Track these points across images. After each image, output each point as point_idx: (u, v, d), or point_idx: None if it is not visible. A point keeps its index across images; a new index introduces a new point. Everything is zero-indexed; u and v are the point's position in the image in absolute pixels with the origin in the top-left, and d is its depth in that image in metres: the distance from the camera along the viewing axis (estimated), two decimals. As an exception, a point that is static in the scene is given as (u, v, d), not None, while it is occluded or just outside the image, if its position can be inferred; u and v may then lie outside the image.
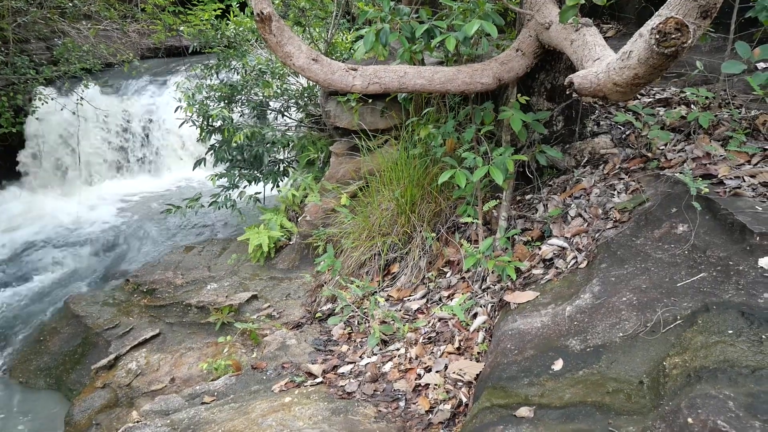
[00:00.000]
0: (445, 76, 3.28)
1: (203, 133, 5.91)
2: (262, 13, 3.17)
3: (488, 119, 3.55)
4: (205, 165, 6.26)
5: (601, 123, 4.03)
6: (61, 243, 6.89)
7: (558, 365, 2.39)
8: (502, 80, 3.38)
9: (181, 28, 7.35)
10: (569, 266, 3.09)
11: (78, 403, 4.39)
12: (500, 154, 3.31)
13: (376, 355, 3.42)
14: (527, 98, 3.66)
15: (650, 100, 4.21)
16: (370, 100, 4.72)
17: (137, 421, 3.44)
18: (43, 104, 8.16)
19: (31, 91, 8.06)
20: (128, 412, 3.97)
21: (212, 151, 5.97)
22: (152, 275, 5.46)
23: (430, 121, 4.21)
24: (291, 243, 5.20)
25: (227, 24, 6.42)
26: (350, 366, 3.42)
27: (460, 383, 2.95)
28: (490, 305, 3.33)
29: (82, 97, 8.28)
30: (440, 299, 3.74)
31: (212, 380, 3.80)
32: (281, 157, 6.07)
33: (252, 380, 3.62)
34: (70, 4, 8.94)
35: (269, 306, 4.61)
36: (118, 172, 8.85)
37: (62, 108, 8.25)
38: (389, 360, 3.34)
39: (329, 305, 4.29)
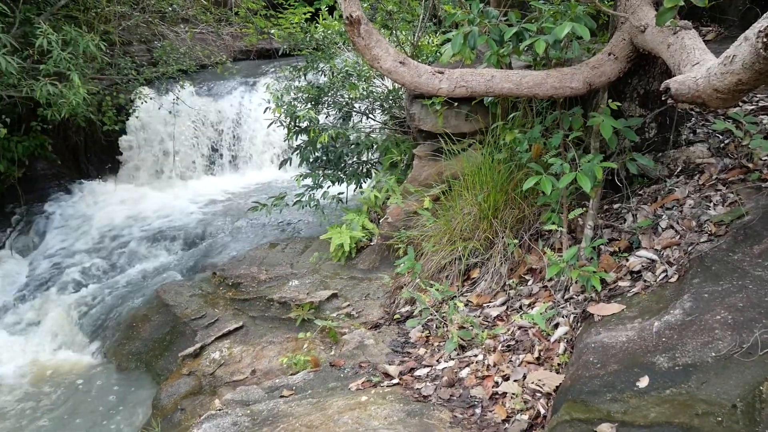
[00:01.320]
0: (534, 81, 3.23)
1: (290, 134, 6.06)
2: (352, 17, 3.23)
3: (577, 125, 3.47)
4: (290, 165, 6.41)
5: (698, 131, 3.85)
6: (155, 235, 7.23)
7: (643, 382, 2.31)
8: (592, 85, 3.29)
9: (272, 31, 7.57)
10: (658, 280, 2.97)
11: (165, 387, 4.60)
12: (588, 161, 3.22)
13: (453, 360, 3.41)
14: (618, 104, 3.55)
15: (753, 107, 3.99)
16: (456, 104, 4.70)
17: (219, 409, 3.57)
18: (142, 103, 8.60)
19: (132, 91, 8.51)
20: (211, 400, 4.12)
21: (298, 152, 6.11)
22: (238, 269, 5.65)
23: (516, 125, 4.15)
24: (372, 244, 5.25)
25: (316, 27, 6.55)
26: (427, 369, 3.42)
27: (539, 394, 2.89)
28: (572, 316, 3.25)
29: (178, 97, 8.67)
30: (521, 307, 3.68)
31: (291, 374, 3.89)
32: (365, 159, 6.14)
33: (330, 377, 3.68)
34: (170, 9, 9.38)
35: (348, 305, 4.68)
36: (209, 169, 9.22)
37: (159, 107, 8.67)
38: (466, 366, 3.31)
39: (408, 307, 4.31)
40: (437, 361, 3.48)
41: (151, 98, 8.60)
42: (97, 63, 7.44)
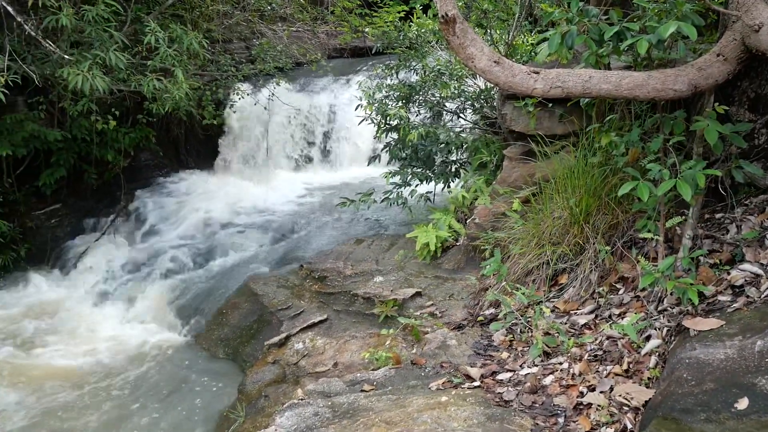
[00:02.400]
0: (634, 82, 3.10)
1: (380, 131, 6.11)
2: (447, 15, 3.21)
3: (678, 129, 3.30)
4: (379, 162, 6.46)
5: (815, 138, 3.58)
6: (246, 227, 7.49)
7: (743, 404, 2.17)
8: (698, 87, 3.12)
9: (366, 30, 7.66)
10: (763, 296, 2.79)
11: (251, 374, 4.75)
12: (690, 168, 3.06)
13: (537, 366, 3.33)
14: (726, 108, 3.35)
15: None
16: (550, 105, 4.59)
17: (301, 399, 3.65)
18: (240, 99, 8.92)
19: (231, 87, 8.84)
20: (293, 389, 4.21)
21: (387, 149, 6.15)
22: (324, 263, 5.76)
23: (613, 128, 4.00)
24: (458, 244, 5.22)
25: (410, 26, 6.57)
26: (509, 374, 3.36)
27: (626, 408, 2.78)
28: (665, 329, 3.10)
29: (273, 93, 8.93)
30: (610, 316, 3.55)
31: (372, 370, 3.92)
32: (454, 158, 6.11)
33: (410, 375, 3.69)
34: (269, 8, 9.68)
35: (432, 304, 4.67)
36: (301, 164, 9.45)
37: (256, 103, 8.96)
38: (550, 373, 3.23)
39: (492, 310, 4.25)
40: (520, 366, 3.41)
41: (248, 94, 8.90)
42: (200, 60, 7.77)
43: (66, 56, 5.86)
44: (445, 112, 6.31)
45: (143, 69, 6.50)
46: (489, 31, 6.13)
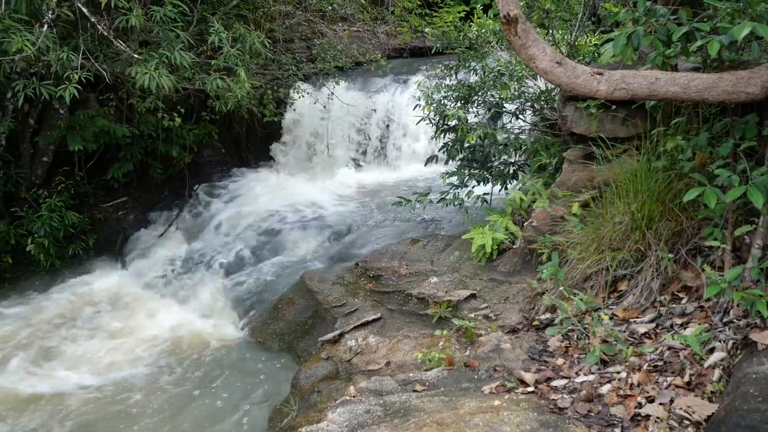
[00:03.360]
0: (704, 84, 3.00)
1: (438, 132, 6.10)
2: (509, 15, 3.18)
3: (750, 133, 3.18)
4: (436, 162, 6.44)
5: None
6: (304, 224, 7.59)
7: (814, 422, 2.08)
8: (772, 91, 3.00)
9: (426, 30, 7.65)
10: (839, 310, 2.65)
11: (304, 369, 4.81)
12: (762, 174, 2.94)
13: (593, 374, 3.27)
14: (802, 112, 3.20)
15: None
16: (614, 107, 4.48)
17: (353, 396, 3.68)
18: (300, 98, 9.04)
19: (291, 86, 8.98)
20: (346, 386, 4.24)
21: (445, 150, 6.12)
22: (379, 262, 5.78)
23: (680, 131, 3.88)
24: (514, 247, 5.15)
25: (470, 26, 6.53)
26: (564, 381, 3.31)
27: (687, 422, 2.69)
28: (731, 342, 2.99)
29: (332, 93, 9.02)
30: (672, 326, 3.45)
31: (425, 370, 3.92)
32: (512, 160, 6.04)
33: (463, 377, 3.67)
34: (330, 8, 9.79)
35: (487, 307, 4.63)
36: (358, 162, 9.51)
37: (315, 102, 9.07)
38: (607, 382, 3.16)
39: (548, 315, 4.18)
40: (576, 373, 3.35)
41: (308, 93, 9.01)
42: (262, 59, 7.91)
43: (135, 55, 6.07)
44: (504, 114, 6.24)
45: (207, 68, 6.67)
46: (551, 31, 6.03)
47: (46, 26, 5.62)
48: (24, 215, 7.58)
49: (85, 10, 5.90)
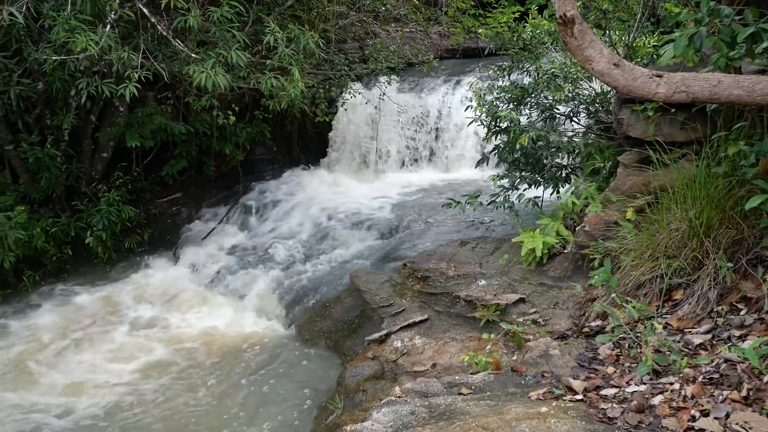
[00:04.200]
0: (769, 88, 2.89)
1: (489, 133, 6.04)
2: (566, 16, 3.13)
3: (819, 140, 3.04)
4: (487, 164, 6.38)
5: None
6: (353, 223, 7.63)
7: None
8: (844, 95, 2.86)
9: (479, 31, 7.58)
10: None
11: (350, 368, 4.84)
12: (831, 182, 2.81)
13: (645, 384, 3.18)
14: None
15: None
16: (673, 110, 4.35)
17: (399, 396, 3.68)
18: (351, 97, 9.10)
19: (343, 86, 9.04)
20: (391, 386, 4.25)
21: (496, 152, 6.07)
22: (427, 263, 5.77)
23: (742, 136, 3.74)
24: (565, 251, 5.06)
25: (524, 26, 6.44)
26: (614, 390, 3.23)
27: (744, 437, 2.60)
28: (793, 355, 2.87)
29: (384, 93, 9.03)
30: (729, 338, 3.33)
31: (471, 373, 3.89)
32: (564, 163, 5.93)
33: (510, 382, 3.63)
34: (383, 9, 9.81)
35: (535, 311, 4.56)
36: (408, 163, 9.51)
37: (366, 102, 9.11)
38: (659, 393, 3.07)
39: (599, 322, 4.09)
40: (627, 383, 3.27)
41: (359, 93, 9.06)
42: (315, 59, 7.99)
43: (193, 54, 6.21)
44: (557, 116, 6.14)
45: (262, 67, 6.77)
46: (608, 32, 5.90)
47: (108, 26, 5.81)
48: (84, 209, 7.86)
49: (145, 10, 6.07)
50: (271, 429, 4.75)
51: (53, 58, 5.88)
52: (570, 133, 5.96)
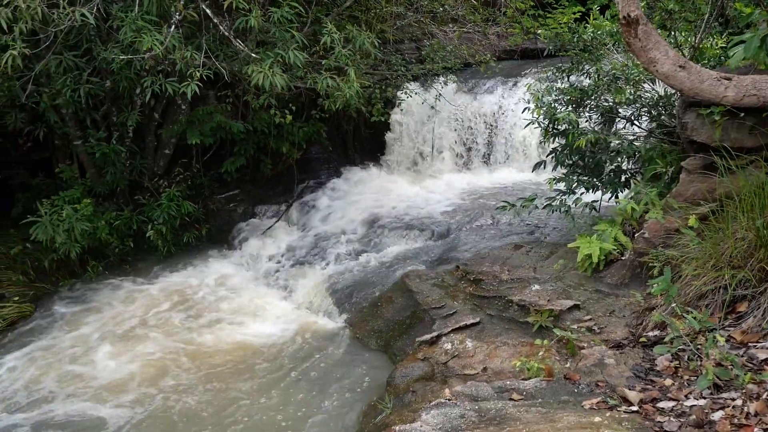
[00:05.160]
0: None
1: (547, 136, 5.94)
2: (629, 16, 3.05)
3: None
4: (544, 167, 6.28)
5: None
6: (406, 223, 7.64)
7: None
8: None
9: (538, 31, 7.46)
10: None
11: (400, 368, 4.84)
12: None
13: (705, 398, 3.07)
14: None
15: None
16: (741, 114, 4.18)
17: (448, 399, 3.66)
18: (408, 98, 9.10)
19: (400, 86, 9.05)
20: (441, 388, 4.23)
21: (553, 155, 5.97)
22: (480, 266, 5.72)
23: (816, 143, 3.58)
24: (623, 258, 4.94)
25: (585, 27, 6.31)
26: (672, 403, 3.13)
27: (812, 458, 2.48)
28: None
29: (440, 93, 9.01)
30: (797, 354, 3.18)
31: (523, 379, 3.84)
32: (624, 167, 5.78)
33: (562, 390, 3.56)
34: (441, 9, 9.77)
35: (590, 319, 4.47)
36: (462, 164, 9.45)
37: (423, 102, 9.10)
38: (720, 408, 2.96)
39: (657, 332, 3.98)
40: (686, 396, 3.16)
41: (415, 93, 9.05)
42: (371, 59, 8.03)
43: (252, 54, 6.32)
44: (617, 119, 5.99)
45: (319, 67, 6.84)
46: (673, 33, 5.72)
47: (173, 27, 5.98)
48: (145, 203, 8.12)
49: (208, 11, 6.22)
50: (319, 424, 4.79)
51: (121, 57, 6.09)
52: (630, 137, 5.81)
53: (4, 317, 6.69)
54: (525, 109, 6.13)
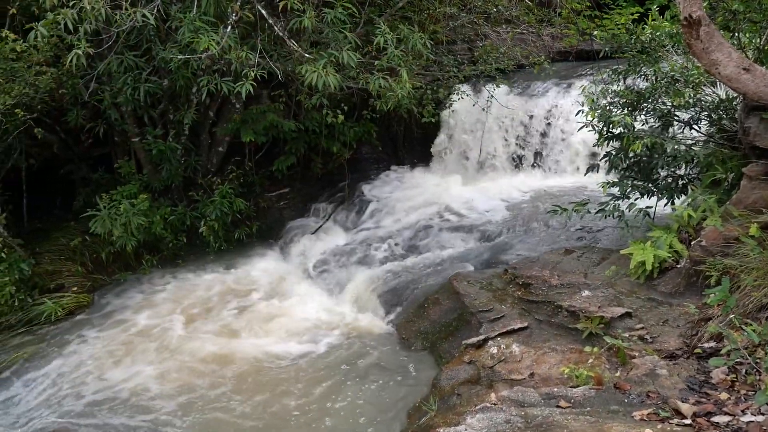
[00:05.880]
0: None
1: (601, 139, 5.82)
2: (691, 17, 2.97)
3: None
4: (597, 171, 6.16)
5: None
6: (454, 225, 7.60)
7: None
8: None
9: (594, 33, 7.32)
10: None
11: (446, 370, 4.82)
12: None
13: (763, 414, 2.96)
14: None
15: None
16: (808, 120, 4.02)
17: (494, 404, 3.62)
18: (459, 99, 9.05)
19: (451, 87, 9.01)
20: (486, 393, 4.20)
21: (607, 158, 5.84)
22: (530, 270, 5.64)
23: None
24: (678, 266, 4.80)
25: (643, 28, 6.16)
26: (728, 418, 3.02)
27: None
28: None
29: (492, 95, 8.92)
30: None
31: (571, 386, 3.77)
32: (681, 173, 5.62)
33: (612, 399, 3.48)
34: (494, 10, 9.67)
35: (643, 327, 4.36)
36: (512, 167, 9.35)
37: (474, 104, 9.03)
38: (780, 425, 2.85)
39: (712, 343, 3.85)
40: (742, 411, 3.05)
41: (467, 95, 8.99)
42: (423, 60, 8.01)
43: (306, 54, 6.39)
44: (675, 123, 5.82)
45: (371, 68, 6.87)
46: (737, 34, 5.53)
47: (229, 27, 6.10)
48: (199, 200, 8.31)
49: (264, 12, 6.32)
50: (364, 423, 4.82)
51: (178, 57, 6.24)
52: (689, 142, 5.64)
53: (64, 306, 6.97)
54: (579, 111, 6.03)
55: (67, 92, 7.23)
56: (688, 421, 3.04)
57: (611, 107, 5.81)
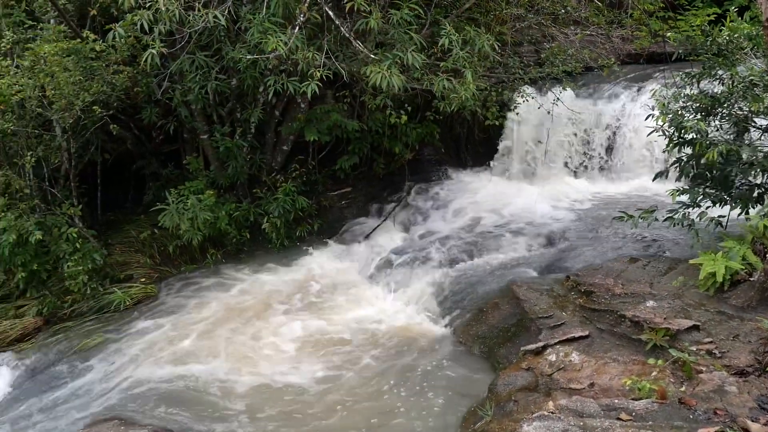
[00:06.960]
0: None
1: (671, 145, 5.64)
2: (773, 21, 2.83)
3: None
4: (666, 178, 5.96)
5: None
6: (516, 229, 7.50)
7: None
8: None
9: (668, 34, 7.07)
10: None
11: (503, 376, 4.77)
12: None
13: (841, 438, 2.80)
14: None
15: None
16: None
17: (551, 412, 3.57)
18: (524, 101, 8.92)
19: (516, 89, 8.88)
20: (544, 401, 4.13)
21: (677, 165, 5.65)
22: (593, 278, 5.52)
23: None
24: (751, 279, 4.60)
25: (720, 30, 5.93)
26: (802, 440, 2.89)
27: None
28: None
29: (558, 98, 8.75)
30: None
31: (633, 399, 3.68)
32: (758, 181, 5.38)
33: (676, 414, 3.38)
34: (563, 11, 9.47)
35: (711, 341, 4.20)
36: (578, 172, 9.15)
37: (539, 106, 8.88)
38: None
39: (787, 361, 3.68)
40: (818, 434, 2.90)
41: (532, 97, 8.85)
42: (489, 62, 7.93)
43: (371, 55, 6.43)
44: (752, 129, 5.58)
45: (436, 69, 6.85)
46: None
47: (297, 28, 6.19)
48: (263, 197, 8.49)
49: (331, 13, 6.39)
50: (419, 424, 4.82)
51: (247, 57, 6.39)
52: (766, 149, 5.40)
53: (132, 296, 7.25)
54: (649, 116, 5.85)
55: (141, 90, 7.52)
56: (758, 442, 2.92)
57: (684, 112, 5.62)
